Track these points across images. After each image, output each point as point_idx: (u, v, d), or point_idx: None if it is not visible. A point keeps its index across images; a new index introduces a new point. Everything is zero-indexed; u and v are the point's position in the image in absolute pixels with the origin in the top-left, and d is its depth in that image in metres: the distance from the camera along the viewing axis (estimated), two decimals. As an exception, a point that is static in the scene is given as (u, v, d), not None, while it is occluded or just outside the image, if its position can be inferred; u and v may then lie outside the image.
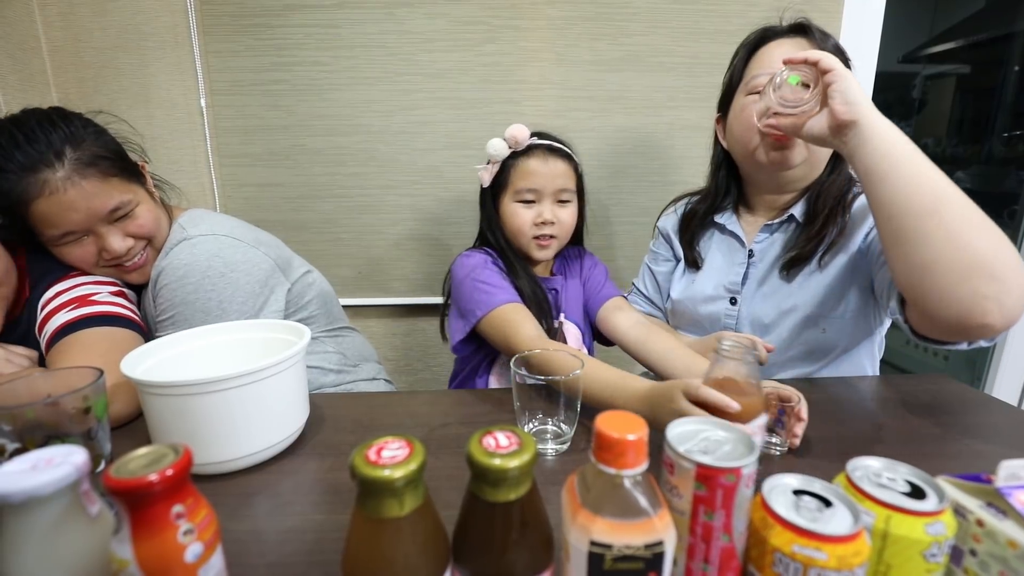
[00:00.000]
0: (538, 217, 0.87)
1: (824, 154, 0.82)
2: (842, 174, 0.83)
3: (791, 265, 0.82)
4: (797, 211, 0.83)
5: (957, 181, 0.56)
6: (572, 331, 0.93)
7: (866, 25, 1.30)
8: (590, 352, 0.97)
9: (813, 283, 0.81)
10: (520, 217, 0.88)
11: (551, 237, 0.89)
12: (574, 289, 0.96)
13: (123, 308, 0.76)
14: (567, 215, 0.89)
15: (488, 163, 0.90)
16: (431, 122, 1.29)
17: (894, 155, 0.59)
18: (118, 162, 0.75)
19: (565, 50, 1.27)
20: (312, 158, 1.30)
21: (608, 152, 1.34)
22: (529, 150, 0.87)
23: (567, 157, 0.89)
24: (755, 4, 1.25)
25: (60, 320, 0.71)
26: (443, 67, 1.27)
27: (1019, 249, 1.94)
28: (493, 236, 0.92)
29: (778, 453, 0.58)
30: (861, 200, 0.81)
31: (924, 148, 0.59)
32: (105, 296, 0.75)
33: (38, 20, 1.21)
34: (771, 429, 0.58)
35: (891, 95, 2.43)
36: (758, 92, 0.79)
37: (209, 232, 0.80)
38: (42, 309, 0.73)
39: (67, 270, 0.77)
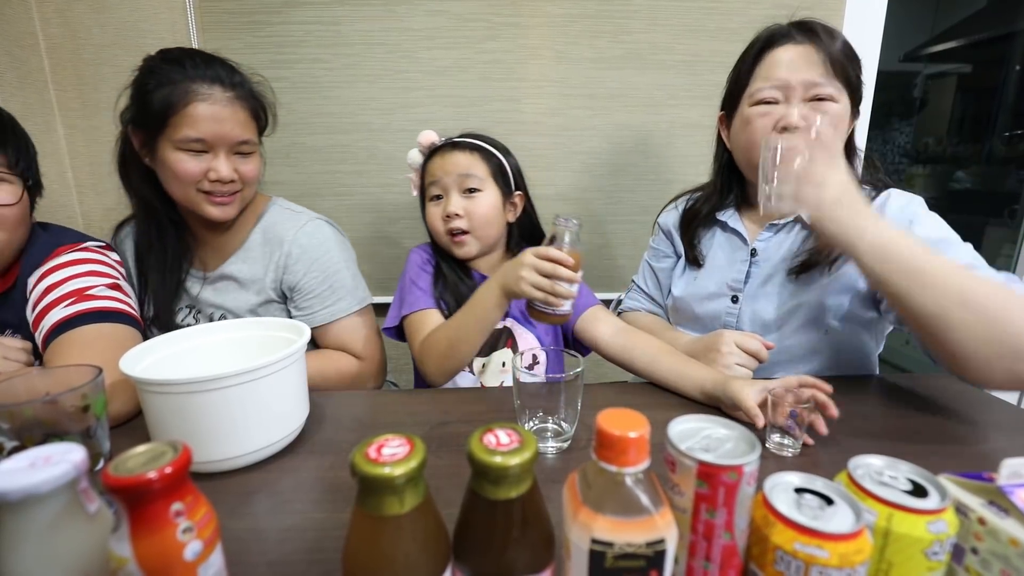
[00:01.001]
0: (444, 212, 0.86)
1: None
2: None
3: (802, 269, 0.81)
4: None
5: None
6: (525, 336, 0.91)
7: (867, 24, 1.29)
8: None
9: (819, 285, 0.80)
10: (431, 216, 0.88)
11: (463, 232, 0.86)
12: None
13: (120, 303, 0.76)
14: (477, 206, 0.85)
15: (413, 174, 0.93)
16: (431, 120, 1.29)
17: (904, 266, 0.58)
18: (263, 115, 0.88)
19: (565, 48, 1.27)
20: (312, 156, 1.30)
21: (608, 150, 1.34)
22: (436, 150, 0.89)
23: (473, 148, 0.87)
24: (756, 2, 1.25)
25: (57, 316, 0.70)
26: (443, 64, 1.26)
27: (1019, 248, 1.94)
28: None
29: (790, 454, 0.58)
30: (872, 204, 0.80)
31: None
32: (102, 290, 0.75)
33: (35, 17, 1.20)
34: (784, 430, 0.58)
35: (892, 94, 2.43)
36: (763, 102, 0.78)
37: (317, 217, 0.92)
38: (37, 303, 0.73)
39: (55, 246, 0.78)
